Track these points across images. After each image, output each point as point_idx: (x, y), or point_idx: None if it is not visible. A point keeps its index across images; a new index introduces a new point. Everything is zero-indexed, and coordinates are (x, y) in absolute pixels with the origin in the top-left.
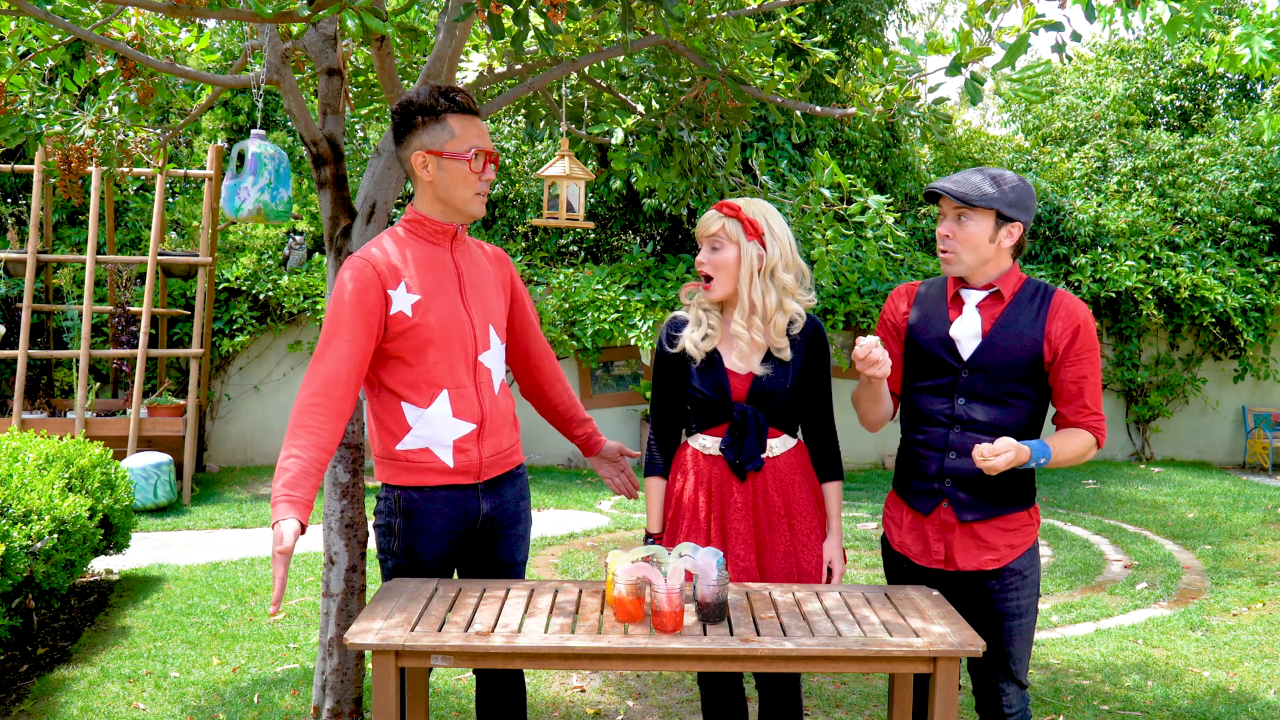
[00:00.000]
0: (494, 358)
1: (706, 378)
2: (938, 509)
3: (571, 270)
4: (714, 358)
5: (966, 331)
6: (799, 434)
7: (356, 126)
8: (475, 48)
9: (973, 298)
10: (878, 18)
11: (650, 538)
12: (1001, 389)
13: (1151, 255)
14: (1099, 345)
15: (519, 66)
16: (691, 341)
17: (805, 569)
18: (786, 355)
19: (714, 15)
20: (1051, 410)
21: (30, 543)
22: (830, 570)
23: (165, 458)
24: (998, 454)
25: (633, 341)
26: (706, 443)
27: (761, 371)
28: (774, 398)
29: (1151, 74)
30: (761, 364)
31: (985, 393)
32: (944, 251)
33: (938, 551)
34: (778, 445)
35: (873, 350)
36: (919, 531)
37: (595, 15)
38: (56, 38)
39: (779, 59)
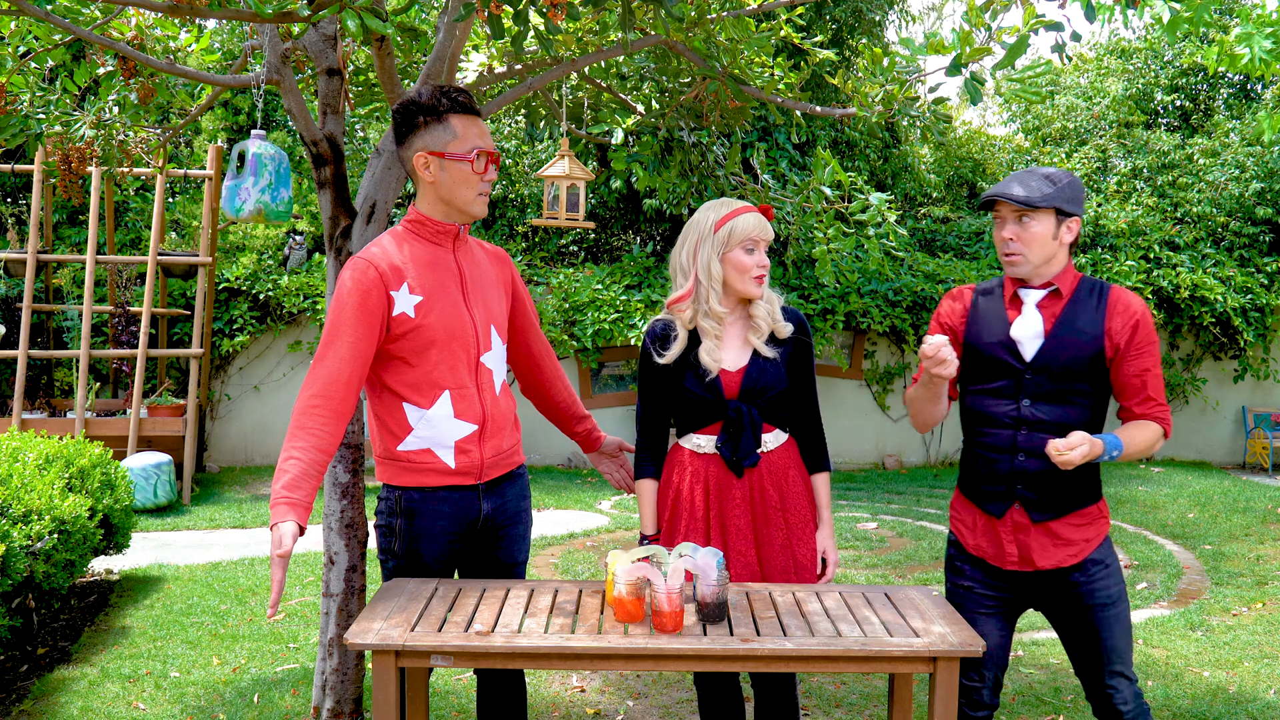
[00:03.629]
0: (496, 358)
1: (700, 378)
2: (1010, 511)
3: (571, 270)
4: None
5: (1028, 332)
6: (789, 428)
7: (356, 126)
8: (475, 48)
9: (1032, 297)
10: (878, 18)
11: (645, 540)
12: (1065, 387)
13: (1151, 255)
14: (1157, 338)
15: (519, 66)
16: (708, 353)
17: (801, 561)
18: (786, 332)
19: (714, 15)
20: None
21: (30, 543)
22: (825, 560)
23: (165, 458)
24: (1072, 448)
25: (632, 341)
26: (701, 441)
27: (755, 364)
28: (766, 393)
29: (1152, 74)
30: (753, 357)
31: (1050, 392)
32: (1009, 255)
33: (1013, 553)
34: (771, 440)
35: (941, 349)
36: (992, 534)
37: (595, 15)
38: (56, 38)
39: (779, 59)
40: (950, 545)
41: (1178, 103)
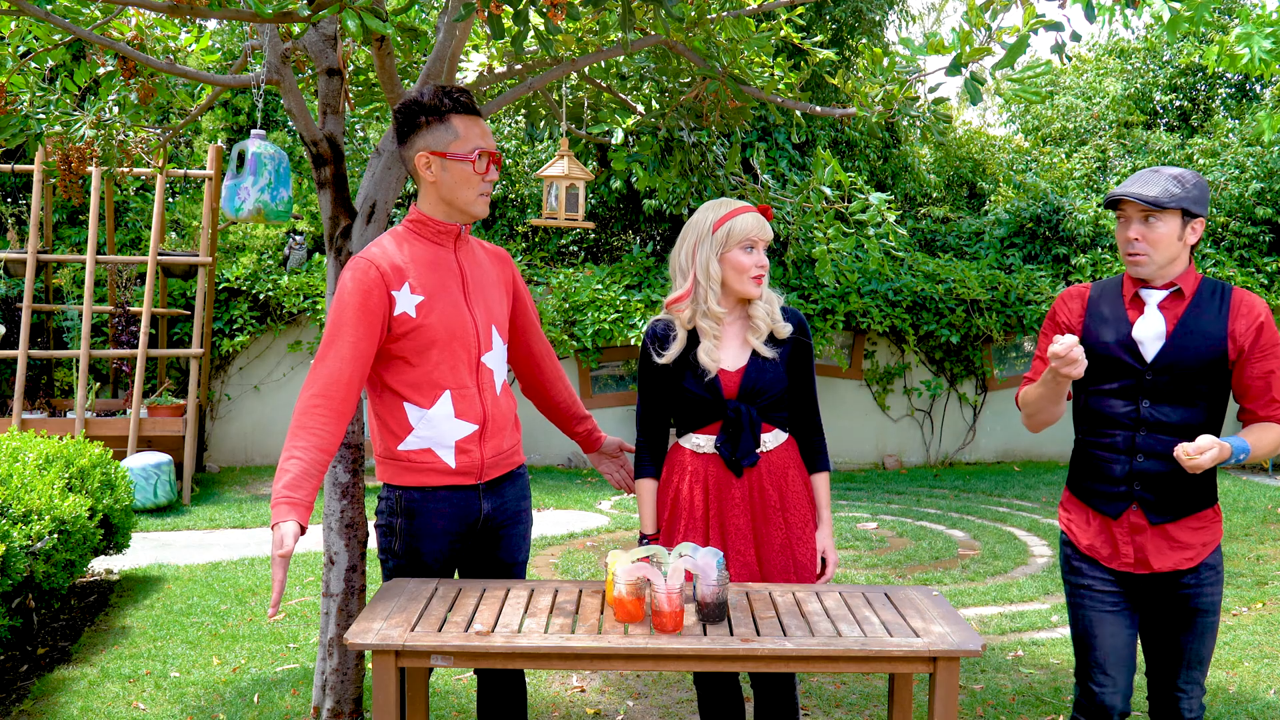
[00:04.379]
0: (496, 358)
1: (700, 379)
2: (1127, 512)
3: (571, 270)
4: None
5: (1150, 332)
6: (788, 429)
7: (356, 126)
8: (475, 48)
9: (1154, 297)
10: (878, 18)
11: (645, 539)
12: (1186, 389)
13: None
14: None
15: (519, 66)
16: (706, 353)
17: (800, 560)
18: (785, 332)
19: (714, 15)
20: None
21: (30, 543)
22: (824, 560)
23: (165, 458)
24: (1202, 451)
25: (632, 341)
26: (700, 441)
27: (754, 364)
28: (765, 393)
29: (1151, 74)
30: (752, 357)
31: (1170, 393)
32: (1133, 255)
33: (1128, 554)
34: (770, 440)
35: (1074, 348)
36: (1107, 535)
37: (595, 15)
38: (56, 38)
39: (779, 59)
40: (1064, 545)
41: (1177, 103)
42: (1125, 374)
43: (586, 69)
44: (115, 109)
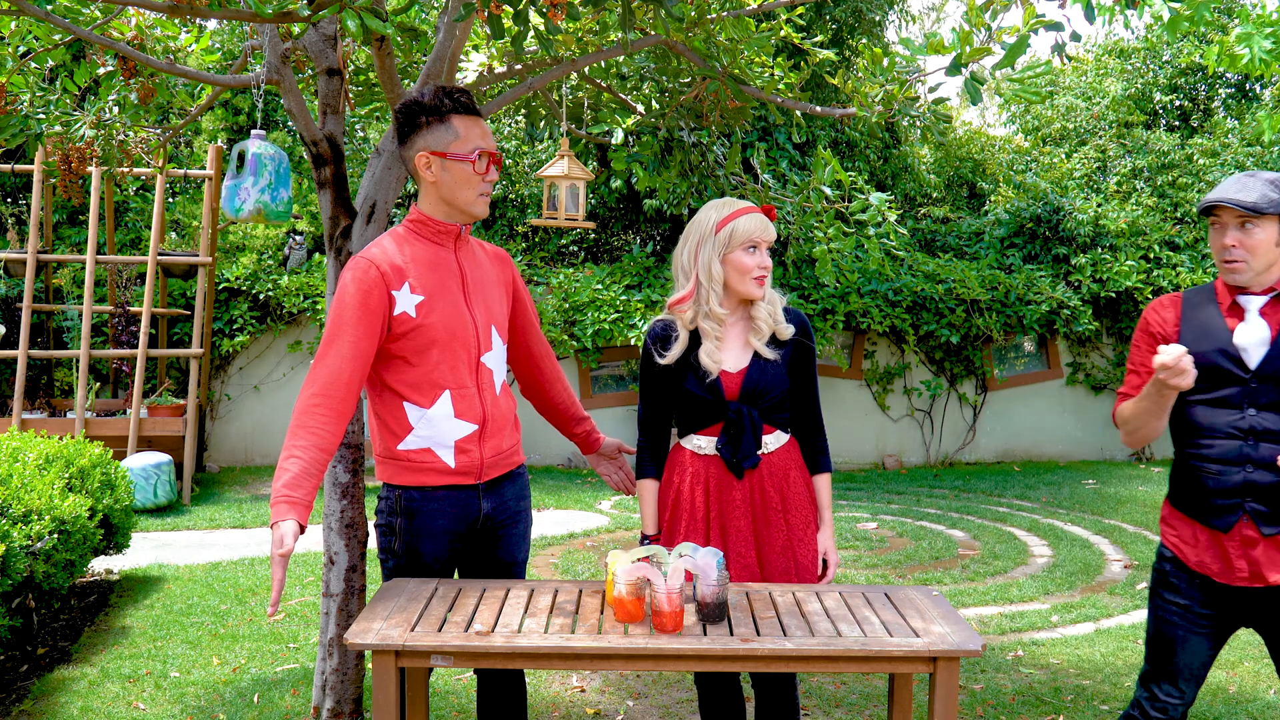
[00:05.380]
0: (496, 358)
1: (701, 380)
2: (1238, 525)
3: (571, 270)
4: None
5: (1253, 339)
6: (790, 430)
7: (356, 126)
8: (475, 48)
9: (1254, 304)
10: (878, 18)
11: (646, 540)
12: None
13: (1151, 255)
14: None
15: (519, 66)
16: (708, 354)
17: (801, 562)
18: (788, 334)
19: (714, 15)
20: None
21: (30, 543)
22: (825, 561)
23: (165, 458)
24: None
25: (632, 341)
26: (701, 443)
27: (756, 365)
28: (766, 394)
29: (1151, 74)
30: (754, 359)
31: (1275, 401)
32: (1231, 262)
33: (1242, 569)
34: (772, 441)
35: (1182, 358)
36: (1218, 549)
37: (595, 15)
38: (56, 38)
39: (779, 59)
40: (1166, 561)
41: (1177, 103)
42: (1229, 382)
43: (586, 69)
44: (115, 109)
